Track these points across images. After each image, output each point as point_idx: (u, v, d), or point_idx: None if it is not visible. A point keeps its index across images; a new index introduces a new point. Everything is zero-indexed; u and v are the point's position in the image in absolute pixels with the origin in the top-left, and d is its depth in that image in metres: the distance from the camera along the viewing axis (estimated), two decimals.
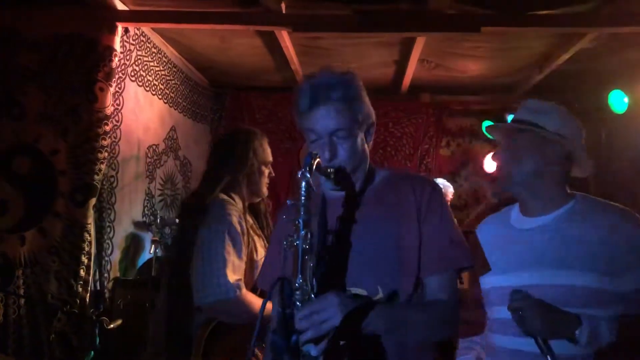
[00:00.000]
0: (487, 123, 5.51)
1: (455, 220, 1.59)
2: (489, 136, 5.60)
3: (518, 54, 4.63)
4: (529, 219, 1.76)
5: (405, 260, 1.48)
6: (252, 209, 2.46)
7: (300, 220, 1.30)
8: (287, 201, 1.33)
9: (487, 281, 1.79)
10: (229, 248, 2.15)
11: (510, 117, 5.22)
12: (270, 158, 2.52)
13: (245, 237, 2.24)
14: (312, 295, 1.27)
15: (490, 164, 5.81)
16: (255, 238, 2.35)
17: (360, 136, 1.56)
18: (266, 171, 2.47)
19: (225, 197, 2.30)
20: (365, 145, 1.59)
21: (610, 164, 4.96)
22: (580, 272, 1.59)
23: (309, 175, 1.32)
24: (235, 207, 2.28)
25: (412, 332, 1.43)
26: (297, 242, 1.28)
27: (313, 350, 1.18)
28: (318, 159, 1.38)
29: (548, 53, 4.55)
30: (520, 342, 1.59)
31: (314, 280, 1.30)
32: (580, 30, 3.87)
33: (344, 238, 1.46)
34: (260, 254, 2.33)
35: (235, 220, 2.22)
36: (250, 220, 2.38)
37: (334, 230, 1.47)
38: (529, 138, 1.73)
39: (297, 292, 1.26)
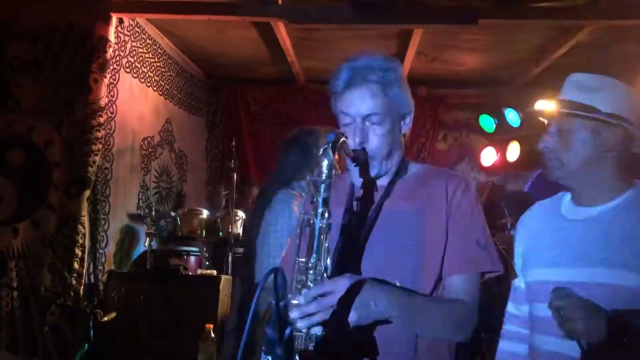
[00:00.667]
0: (484, 117, 5.51)
1: (485, 223, 1.52)
2: (485, 130, 5.61)
3: (515, 47, 4.61)
4: (582, 208, 1.57)
5: (428, 257, 1.43)
6: None
7: (320, 198, 1.25)
8: (307, 177, 1.29)
9: (531, 274, 1.62)
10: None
11: (507, 111, 5.22)
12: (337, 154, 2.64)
13: None
14: (325, 277, 1.23)
15: (487, 158, 5.81)
16: None
17: (395, 124, 1.50)
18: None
19: (294, 192, 2.47)
20: (401, 135, 1.54)
21: None
22: (631, 272, 1.41)
23: (331, 153, 1.27)
24: (298, 200, 2.44)
25: (427, 325, 1.38)
26: (314, 220, 1.24)
27: (319, 331, 1.16)
28: (344, 139, 1.34)
29: (545, 46, 4.53)
30: (564, 345, 1.41)
31: (328, 261, 1.26)
32: (577, 23, 3.85)
33: (365, 227, 1.44)
34: None
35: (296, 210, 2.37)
36: None
37: (357, 217, 1.45)
38: (580, 122, 1.51)
39: (310, 272, 1.23)
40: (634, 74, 4.52)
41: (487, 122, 5.53)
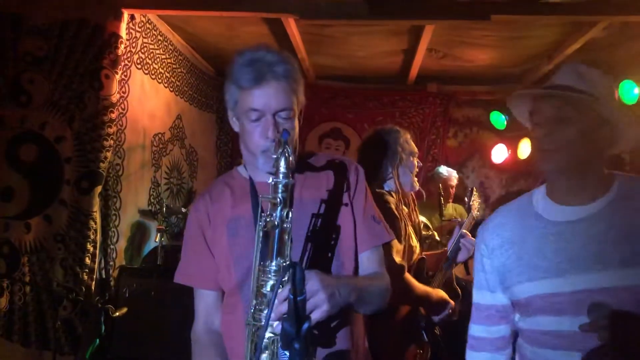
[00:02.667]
0: (495, 113, 5.48)
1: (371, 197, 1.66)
2: (496, 126, 5.58)
3: (527, 43, 4.58)
4: (568, 208, 1.44)
5: (345, 238, 1.53)
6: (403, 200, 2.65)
7: (280, 199, 1.25)
8: (268, 180, 1.29)
9: (526, 290, 1.46)
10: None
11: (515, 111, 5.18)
12: (416, 150, 2.70)
13: (402, 224, 2.43)
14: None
15: (497, 155, 5.77)
16: (409, 225, 2.55)
17: (297, 119, 1.54)
18: (415, 162, 2.65)
19: (380, 190, 2.49)
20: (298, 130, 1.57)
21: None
22: None
23: (290, 151, 1.28)
24: (391, 197, 2.47)
25: (370, 302, 1.51)
26: (277, 221, 1.24)
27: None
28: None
29: (558, 42, 4.49)
30: (577, 357, 1.34)
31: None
32: (591, 18, 3.82)
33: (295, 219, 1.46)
34: (413, 240, 2.56)
35: (393, 207, 2.40)
36: (405, 209, 2.58)
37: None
38: (581, 110, 1.40)
39: (273, 275, 1.24)
40: None
41: (498, 119, 5.51)
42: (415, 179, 2.68)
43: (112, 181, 3.65)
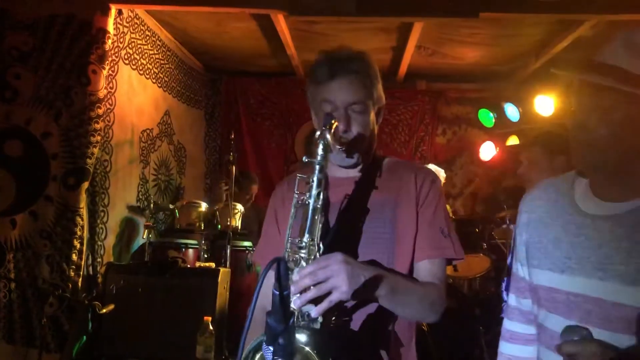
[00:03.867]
0: (483, 111, 5.51)
1: (448, 213, 1.63)
2: (484, 124, 5.60)
3: (515, 41, 4.60)
4: (602, 202, 1.27)
5: (402, 244, 1.51)
6: None
7: (315, 179, 1.29)
8: (304, 158, 1.32)
9: (538, 276, 1.37)
10: None
11: (507, 105, 5.21)
12: None
13: None
14: (319, 256, 1.27)
15: (485, 152, 5.80)
16: None
17: (373, 114, 1.57)
18: None
19: None
20: (375, 126, 1.61)
21: None
22: None
23: (328, 135, 1.31)
24: None
25: (408, 304, 1.44)
26: (309, 200, 1.28)
27: (313, 311, 1.18)
28: (336, 124, 1.39)
29: (546, 40, 4.52)
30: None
31: (320, 242, 1.29)
32: (579, 17, 3.84)
33: (350, 215, 1.49)
34: None
35: None
36: None
37: (339, 207, 1.50)
38: (630, 97, 1.13)
39: (303, 251, 1.27)
40: None
41: (486, 117, 5.53)
42: None
43: (99, 177, 3.62)
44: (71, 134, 3.34)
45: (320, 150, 1.31)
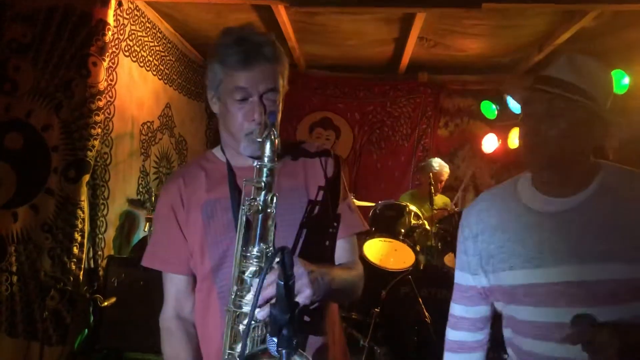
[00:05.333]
0: (485, 103, 5.48)
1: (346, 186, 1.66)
2: (487, 116, 5.58)
3: (518, 32, 4.57)
4: (552, 199, 1.42)
5: (325, 226, 1.53)
6: None
7: (265, 183, 1.24)
8: (247, 164, 1.28)
9: (512, 277, 1.44)
10: None
11: (509, 97, 5.18)
12: None
13: None
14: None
15: (488, 145, 5.78)
16: None
17: (281, 102, 1.53)
18: None
19: None
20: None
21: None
22: (626, 263, 1.31)
23: (275, 133, 1.27)
24: None
25: (343, 294, 1.51)
26: (260, 205, 1.22)
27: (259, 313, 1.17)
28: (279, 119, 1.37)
29: (549, 32, 4.49)
30: (556, 348, 1.35)
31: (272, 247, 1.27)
32: (582, 7, 3.81)
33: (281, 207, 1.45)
34: None
35: None
36: None
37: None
38: (573, 106, 1.35)
39: (256, 260, 1.23)
40: (638, 61, 4.48)
41: (489, 109, 5.51)
42: None
43: (100, 170, 3.61)
44: (72, 126, 3.32)
45: (268, 152, 1.25)
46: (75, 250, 3.29)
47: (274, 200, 1.24)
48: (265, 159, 1.25)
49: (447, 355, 1.63)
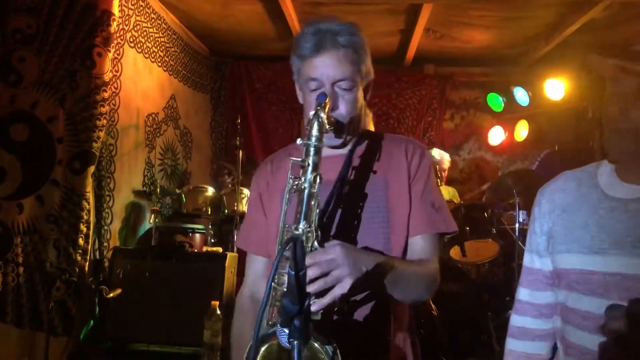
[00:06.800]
0: (492, 95, 5.45)
1: (438, 186, 1.60)
2: (493, 108, 5.55)
3: (525, 24, 4.53)
4: (630, 185, 1.31)
5: (397, 220, 1.48)
6: None
7: (310, 162, 1.22)
8: (298, 140, 1.25)
9: (568, 260, 1.37)
10: None
11: (516, 89, 5.15)
12: None
13: None
14: (316, 244, 1.21)
15: (494, 137, 5.74)
16: None
17: (361, 91, 1.50)
18: None
19: None
20: (364, 102, 1.54)
21: None
22: None
23: (322, 114, 1.25)
24: None
25: (406, 288, 1.41)
26: (304, 184, 1.21)
27: (314, 305, 1.13)
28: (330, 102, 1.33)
29: (556, 23, 4.44)
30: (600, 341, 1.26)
31: (318, 228, 1.23)
32: None
33: (342, 197, 1.44)
34: None
35: None
36: None
37: (331, 189, 1.44)
38: None
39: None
40: None
41: (495, 101, 5.48)
42: None
43: (105, 161, 3.60)
44: (77, 117, 3.31)
45: (315, 131, 1.24)
46: (81, 241, 3.29)
47: (317, 180, 1.22)
48: (313, 139, 1.23)
49: (509, 342, 1.53)
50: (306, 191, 1.21)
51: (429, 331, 2.93)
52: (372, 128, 1.63)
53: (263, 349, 1.04)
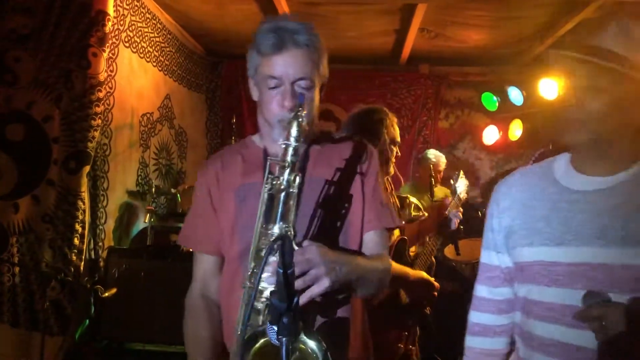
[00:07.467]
0: (486, 95, 5.47)
1: (383, 183, 1.67)
2: (488, 108, 5.57)
3: (520, 23, 4.55)
4: (589, 178, 1.35)
5: (351, 218, 1.52)
6: None
7: (289, 161, 1.24)
8: (279, 141, 1.27)
9: (528, 253, 1.39)
10: None
11: (510, 89, 5.17)
12: (398, 138, 2.56)
13: None
14: (294, 244, 1.24)
15: (489, 137, 5.77)
16: None
17: (317, 91, 1.52)
18: (395, 149, 2.52)
19: None
20: (319, 102, 1.56)
21: None
22: None
23: (303, 114, 1.27)
24: None
25: (369, 285, 1.49)
26: (282, 184, 1.23)
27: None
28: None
29: (550, 23, 4.47)
30: (571, 334, 1.28)
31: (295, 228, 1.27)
32: None
33: (306, 193, 1.47)
34: None
35: None
36: None
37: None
38: (620, 80, 1.26)
39: (274, 238, 1.23)
40: None
41: (490, 100, 5.50)
42: (392, 165, 2.57)
43: (99, 161, 3.61)
44: (72, 117, 3.32)
45: (294, 132, 1.25)
46: (76, 241, 3.29)
47: (297, 180, 1.25)
48: (291, 139, 1.25)
49: (469, 339, 1.55)
50: (284, 191, 1.23)
51: (422, 329, 2.94)
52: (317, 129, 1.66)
53: (255, 346, 1.05)
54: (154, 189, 3.89)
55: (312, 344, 1.03)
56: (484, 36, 4.91)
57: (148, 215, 3.66)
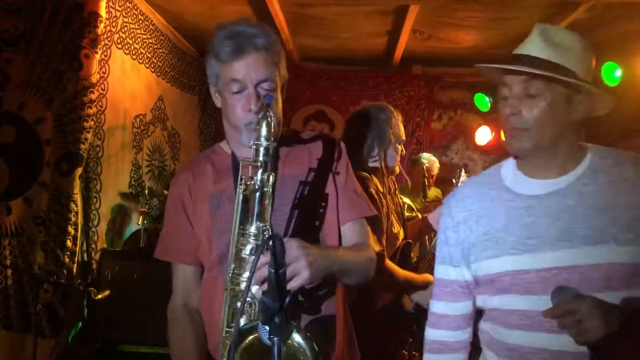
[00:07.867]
0: (479, 96, 5.49)
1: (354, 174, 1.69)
2: (480, 109, 5.59)
3: (512, 24, 4.57)
4: (538, 181, 1.37)
5: (328, 212, 1.54)
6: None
7: (261, 162, 1.26)
8: (249, 142, 1.29)
9: (496, 264, 1.37)
10: None
11: None
12: (403, 136, 2.57)
13: (384, 208, 2.28)
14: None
15: (481, 137, 5.79)
16: (392, 210, 2.40)
17: (280, 92, 1.54)
18: (399, 148, 2.52)
19: (361, 173, 2.28)
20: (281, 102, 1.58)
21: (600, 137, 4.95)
22: (619, 245, 1.25)
23: (271, 114, 1.29)
24: (372, 181, 2.30)
25: (352, 274, 1.51)
26: (257, 184, 1.25)
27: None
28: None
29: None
30: (555, 340, 1.27)
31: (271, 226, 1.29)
32: None
33: (279, 191, 1.48)
34: (395, 227, 2.40)
35: (373, 192, 2.23)
36: (387, 194, 2.41)
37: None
38: (554, 86, 1.30)
39: (253, 238, 1.26)
40: (630, 53, 4.50)
41: (483, 101, 5.52)
42: (397, 164, 2.59)
43: (92, 163, 3.59)
44: (64, 119, 3.30)
45: (264, 132, 1.27)
46: (69, 243, 3.28)
47: (271, 180, 1.26)
48: (262, 139, 1.27)
49: (427, 357, 1.53)
50: (259, 191, 1.25)
51: (405, 327, 2.94)
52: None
53: (243, 343, 1.06)
54: (146, 191, 3.88)
55: (299, 338, 1.04)
56: (477, 37, 4.93)
57: (141, 217, 3.65)
